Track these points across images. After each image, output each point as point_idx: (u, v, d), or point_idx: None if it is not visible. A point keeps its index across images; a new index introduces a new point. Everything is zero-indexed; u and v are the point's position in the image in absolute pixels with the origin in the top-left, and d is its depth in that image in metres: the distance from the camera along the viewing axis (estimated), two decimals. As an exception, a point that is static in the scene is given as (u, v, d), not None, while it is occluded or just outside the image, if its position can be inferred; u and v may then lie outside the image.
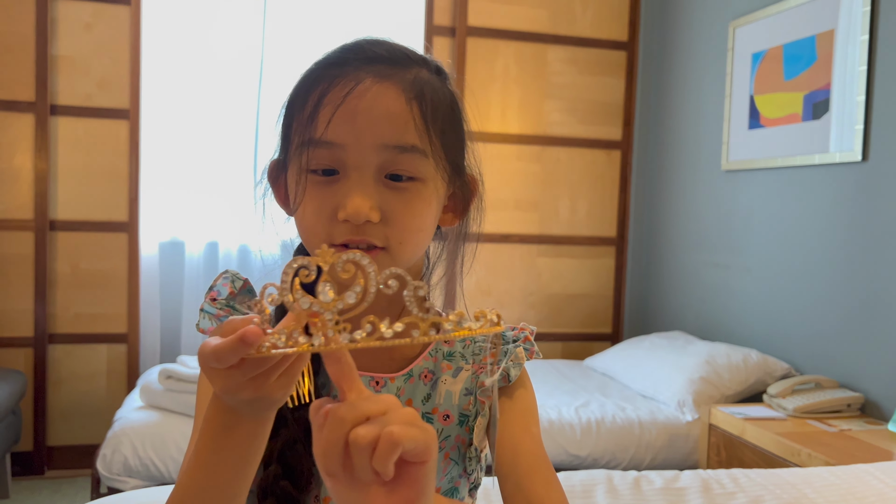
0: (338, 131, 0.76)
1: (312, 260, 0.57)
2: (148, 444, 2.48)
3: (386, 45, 0.81)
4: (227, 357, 0.56)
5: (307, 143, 0.77)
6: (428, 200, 0.80)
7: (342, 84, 0.77)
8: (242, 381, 0.58)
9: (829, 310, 2.74)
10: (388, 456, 0.54)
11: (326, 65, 0.80)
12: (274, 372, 0.59)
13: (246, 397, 0.59)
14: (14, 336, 3.31)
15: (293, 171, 0.80)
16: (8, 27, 3.24)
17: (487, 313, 0.59)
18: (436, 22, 3.68)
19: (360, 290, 0.57)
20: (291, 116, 0.82)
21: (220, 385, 0.59)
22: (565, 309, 3.92)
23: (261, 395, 0.59)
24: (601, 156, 3.93)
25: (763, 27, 3.08)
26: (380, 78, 0.77)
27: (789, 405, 2.52)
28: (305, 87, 0.80)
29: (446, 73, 0.85)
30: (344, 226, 0.76)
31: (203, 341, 0.59)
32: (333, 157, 0.77)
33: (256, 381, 0.58)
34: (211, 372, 0.59)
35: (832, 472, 1.87)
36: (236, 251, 3.49)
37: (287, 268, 0.57)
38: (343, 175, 0.77)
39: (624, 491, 1.73)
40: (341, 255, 0.57)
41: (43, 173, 3.29)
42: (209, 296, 0.88)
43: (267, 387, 0.59)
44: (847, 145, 2.65)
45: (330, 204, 0.77)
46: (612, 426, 2.72)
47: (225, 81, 3.44)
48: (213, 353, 0.56)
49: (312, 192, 0.78)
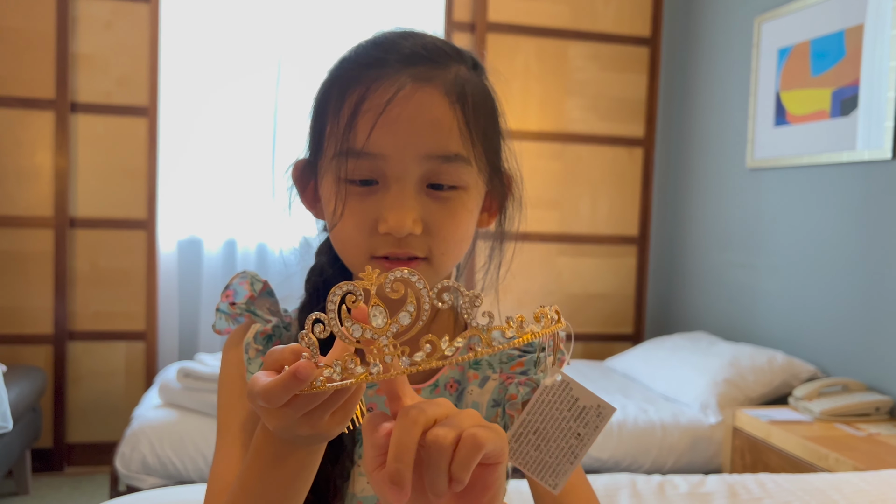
0: (379, 142, 0.72)
1: (358, 284, 0.54)
2: (166, 443, 2.47)
3: (421, 40, 0.76)
4: (279, 396, 0.53)
5: (346, 154, 0.73)
6: (470, 209, 0.77)
7: (382, 89, 0.72)
8: (296, 417, 0.55)
9: (856, 311, 2.67)
10: (471, 458, 0.51)
11: (361, 65, 0.75)
12: (330, 406, 0.56)
13: (302, 434, 0.56)
14: (34, 333, 3.32)
15: (329, 181, 0.76)
16: (29, 25, 3.25)
17: (548, 311, 0.57)
18: (455, 18, 3.65)
19: (413, 310, 0.54)
20: (324, 119, 0.77)
21: (274, 424, 0.56)
22: (586, 309, 3.88)
23: (316, 433, 0.56)
24: (623, 153, 3.88)
25: (789, 22, 3.02)
26: (421, 81, 0.73)
27: (816, 408, 2.47)
28: (340, 89, 0.75)
29: (481, 65, 0.81)
30: (385, 238, 0.73)
31: (252, 377, 0.56)
32: (373, 167, 0.73)
33: (312, 416, 0.55)
34: (262, 410, 0.56)
35: (862, 477, 1.82)
36: (254, 249, 3.48)
37: (331, 295, 0.54)
38: (383, 185, 0.73)
39: (648, 496, 1.69)
40: (387, 274, 0.54)
41: (63, 171, 3.30)
42: (225, 294, 0.85)
43: (321, 424, 0.56)
44: (876, 143, 2.58)
45: (370, 216, 0.73)
46: (634, 428, 2.68)
47: (243, 79, 3.43)
48: (263, 392, 0.53)
49: (351, 203, 0.74)
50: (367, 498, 0.80)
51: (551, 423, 0.62)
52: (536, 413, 0.62)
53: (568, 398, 0.61)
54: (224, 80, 3.41)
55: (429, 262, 0.75)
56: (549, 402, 0.62)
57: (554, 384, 0.61)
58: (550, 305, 0.58)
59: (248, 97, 3.43)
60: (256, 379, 0.55)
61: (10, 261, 3.29)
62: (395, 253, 0.73)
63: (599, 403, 0.61)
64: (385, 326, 0.54)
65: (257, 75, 3.43)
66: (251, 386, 0.55)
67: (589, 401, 0.61)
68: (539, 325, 0.56)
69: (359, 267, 0.77)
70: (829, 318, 2.80)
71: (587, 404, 0.61)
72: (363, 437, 0.57)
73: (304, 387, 0.52)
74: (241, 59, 3.42)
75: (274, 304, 0.86)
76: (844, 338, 2.73)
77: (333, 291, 0.54)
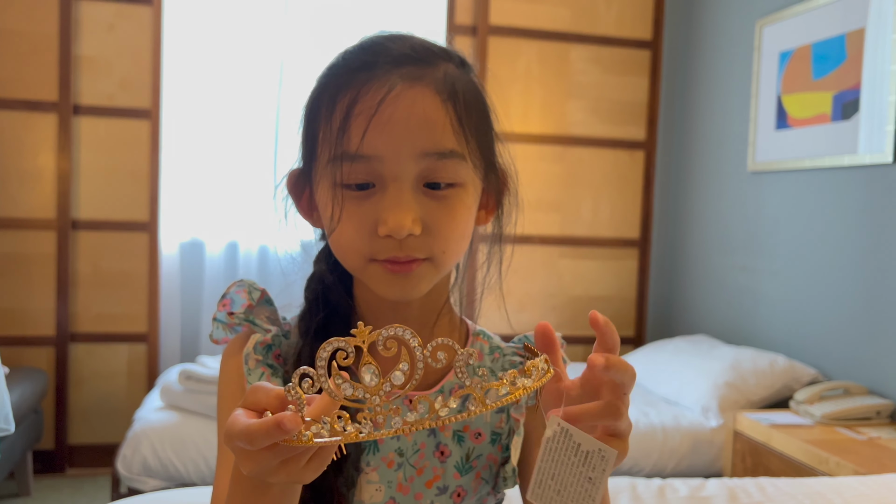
0: (373, 143, 0.71)
1: (350, 341, 0.53)
2: (167, 445, 2.48)
3: (409, 42, 0.77)
4: (259, 441, 0.52)
5: (340, 158, 0.72)
6: (468, 205, 0.77)
7: (373, 91, 0.72)
8: (273, 464, 0.55)
9: (857, 314, 2.67)
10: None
11: (350, 69, 0.75)
12: (305, 456, 0.55)
13: (278, 481, 0.56)
14: (36, 335, 3.33)
15: (325, 187, 0.76)
16: (32, 28, 3.26)
17: (539, 364, 0.57)
18: (457, 21, 3.65)
19: (406, 369, 0.53)
20: (316, 126, 0.77)
21: (249, 467, 0.55)
22: (587, 311, 3.84)
23: (292, 480, 0.56)
24: (624, 156, 3.88)
25: (791, 26, 3.02)
26: (411, 81, 0.73)
27: (817, 412, 2.47)
28: (330, 95, 0.75)
29: (469, 63, 0.81)
30: (385, 241, 0.72)
31: (231, 416, 0.55)
32: (369, 169, 0.72)
33: (288, 465, 0.55)
34: (239, 451, 0.55)
35: (862, 481, 1.82)
36: (256, 251, 3.49)
37: (321, 351, 0.54)
38: (380, 187, 0.73)
39: (648, 499, 1.69)
40: (380, 332, 0.53)
41: (65, 173, 3.30)
42: (222, 304, 0.84)
43: (297, 472, 0.56)
44: (877, 146, 2.59)
45: (369, 219, 0.73)
46: (635, 432, 2.68)
47: (245, 81, 3.43)
48: (243, 433, 0.53)
49: (349, 207, 0.74)
50: None
51: (564, 470, 0.62)
52: (548, 461, 0.62)
53: (571, 444, 0.62)
54: (226, 82, 3.41)
55: (431, 262, 0.75)
56: (555, 449, 0.62)
57: (556, 433, 0.61)
58: (541, 356, 0.59)
59: (250, 99, 3.44)
60: (236, 419, 0.54)
61: (12, 263, 3.29)
62: (396, 257, 0.73)
63: (600, 447, 0.61)
64: (377, 385, 0.53)
65: (259, 77, 3.44)
66: (230, 426, 0.54)
67: (590, 445, 0.61)
68: (530, 380, 0.56)
69: (359, 271, 0.76)
70: (830, 322, 2.80)
71: (589, 449, 0.61)
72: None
73: (287, 438, 0.52)
74: (243, 62, 3.43)
75: (273, 312, 0.86)
76: (846, 341, 2.73)
77: (323, 347, 0.54)
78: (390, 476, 0.80)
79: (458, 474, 0.82)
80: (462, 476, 0.82)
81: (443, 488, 0.81)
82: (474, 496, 0.83)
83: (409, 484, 0.80)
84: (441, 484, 0.81)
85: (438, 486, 0.81)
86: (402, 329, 0.54)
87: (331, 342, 0.54)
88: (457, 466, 0.82)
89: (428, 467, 0.81)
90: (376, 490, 0.79)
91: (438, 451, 0.81)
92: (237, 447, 0.55)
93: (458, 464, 0.82)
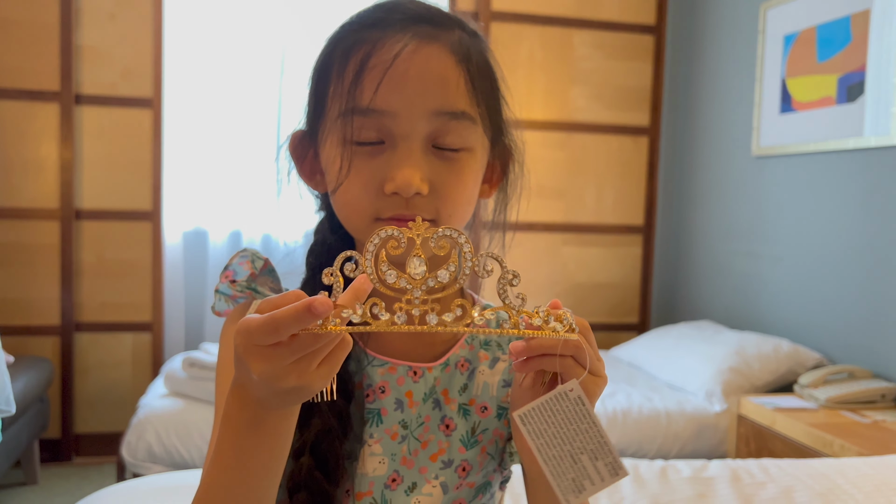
0: (386, 98, 0.70)
1: (404, 231, 0.53)
2: (172, 432, 2.48)
3: (423, 4, 0.76)
4: (284, 328, 0.51)
5: (352, 112, 0.71)
6: (476, 171, 0.76)
7: (388, 46, 0.71)
8: (286, 364, 0.53)
9: (862, 298, 2.66)
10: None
11: (364, 25, 0.74)
12: (318, 356, 0.54)
13: (288, 386, 0.54)
14: (41, 325, 3.34)
15: (332, 143, 0.74)
16: (33, 17, 3.25)
17: (567, 314, 0.57)
18: (459, 7, 3.64)
19: (454, 269, 0.53)
20: (326, 81, 0.75)
21: (262, 368, 0.53)
22: (591, 298, 3.87)
23: (302, 384, 0.54)
24: (628, 142, 3.87)
25: (795, 8, 3.00)
26: (427, 39, 0.72)
27: (821, 395, 2.46)
28: (342, 51, 0.74)
29: (481, 35, 0.80)
30: (392, 199, 0.71)
31: (244, 318, 0.53)
32: (380, 125, 0.71)
33: (300, 365, 0.53)
34: (252, 351, 0.53)
35: (866, 462, 1.81)
36: (259, 240, 3.49)
37: (374, 236, 0.53)
38: (390, 145, 0.72)
39: (651, 480, 1.69)
40: (436, 230, 0.53)
41: (68, 163, 3.31)
42: (224, 275, 0.83)
43: (307, 373, 0.54)
44: (883, 129, 2.57)
45: (377, 177, 0.71)
46: (639, 417, 2.68)
47: (247, 70, 3.43)
48: (267, 321, 0.51)
49: (357, 163, 0.72)
50: (379, 477, 0.79)
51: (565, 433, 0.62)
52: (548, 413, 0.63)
53: (595, 434, 0.62)
54: (228, 70, 3.41)
55: (435, 223, 0.73)
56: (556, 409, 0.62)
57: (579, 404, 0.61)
58: (566, 309, 0.59)
59: (252, 87, 3.43)
60: (252, 317, 0.53)
61: (16, 253, 3.30)
62: (401, 214, 0.71)
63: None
64: (422, 279, 0.52)
65: (261, 65, 3.43)
66: (245, 323, 0.53)
67: (608, 451, 0.63)
68: (562, 326, 0.56)
69: (363, 231, 0.75)
70: (834, 306, 2.79)
71: (607, 454, 0.62)
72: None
73: (317, 321, 0.50)
74: (244, 50, 3.42)
75: (276, 281, 0.85)
76: (850, 325, 2.71)
77: (377, 233, 0.53)
78: (394, 448, 0.79)
79: (464, 448, 0.80)
80: (467, 450, 0.81)
81: (447, 462, 0.80)
82: (480, 471, 0.82)
83: (413, 457, 0.79)
84: (446, 458, 0.80)
85: (443, 459, 0.80)
86: (458, 232, 0.53)
87: (385, 229, 0.53)
88: (462, 440, 0.81)
89: (433, 441, 0.80)
90: (379, 462, 0.78)
91: (444, 424, 0.80)
92: (251, 346, 0.53)
93: (463, 437, 0.81)
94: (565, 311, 0.58)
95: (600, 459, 0.62)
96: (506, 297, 0.54)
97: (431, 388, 0.81)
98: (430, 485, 0.79)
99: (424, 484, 0.79)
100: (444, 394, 0.81)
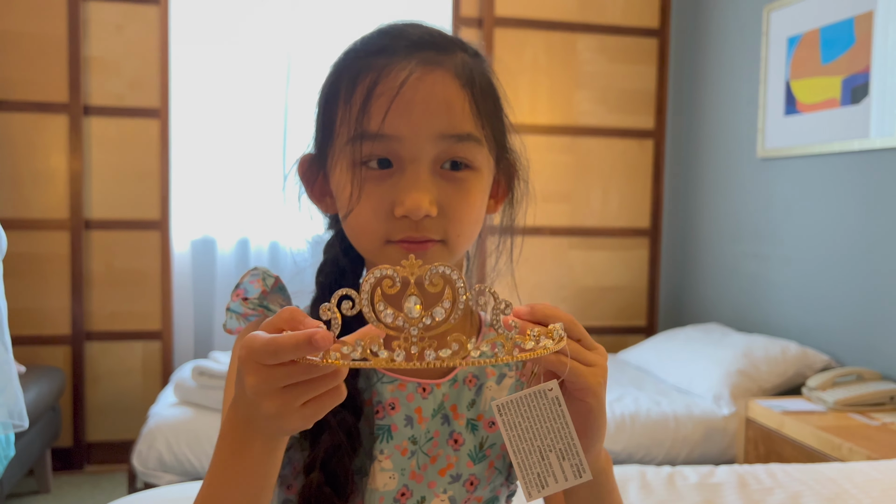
0: (394, 124, 0.72)
1: (399, 270, 0.54)
2: (182, 440, 2.50)
3: (426, 28, 0.78)
4: (282, 353, 0.53)
5: (360, 137, 0.73)
6: (483, 190, 0.78)
7: (394, 74, 0.73)
8: (277, 387, 0.55)
9: (870, 300, 2.66)
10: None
11: (370, 52, 0.76)
12: (307, 392, 0.56)
13: (269, 411, 0.56)
14: (52, 334, 3.37)
15: (342, 167, 0.76)
16: (41, 30, 3.29)
17: (558, 328, 0.59)
18: (463, 13, 3.65)
19: (448, 306, 0.55)
20: (334, 107, 0.78)
21: (253, 382, 0.56)
22: (598, 302, 3.87)
23: (281, 413, 0.56)
24: (633, 145, 3.87)
25: (799, 10, 3.00)
26: (431, 65, 0.74)
27: (830, 398, 2.46)
28: (350, 77, 0.76)
29: (482, 55, 0.82)
30: (402, 222, 0.73)
31: (251, 334, 0.56)
32: (388, 150, 0.73)
33: (286, 394, 0.56)
34: (251, 365, 0.56)
35: (874, 466, 1.81)
36: (267, 248, 3.51)
37: (369, 276, 0.55)
38: (398, 168, 0.74)
39: (658, 487, 1.69)
40: (429, 267, 0.55)
41: (77, 173, 3.34)
42: (236, 293, 0.85)
43: (291, 406, 0.56)
44: (888, 130, 2.56)
45: (386, 200, 0.73)
46: (647, 420, 2.68)
47: (253, 79, 3.45)
48: (269, 343, 0.53)
49: (367, 188, 0.74)
50: (389, 492, 0.80)
51: (538, 428, 0.64)
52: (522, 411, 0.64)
53: (565, 427, 0.63)
54: (234, 79, 3.43)
55: (444, 244, 0.75)
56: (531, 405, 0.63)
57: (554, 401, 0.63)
58: (553, 326, 0.61)
59: (258, 96, 3.45)
60: (258, 335, 0.55)
61: (27, 263, 3.33)
62: (412, 237, 0.73)
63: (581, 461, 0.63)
64: (419, 317, 0.54)
65: (267, 74, 3.45)
66: (252, 340, 0.55)
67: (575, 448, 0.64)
68: (552, 342, 0.58)
69: (374, 253, 0.77)
70: (842, 308, 2.78)
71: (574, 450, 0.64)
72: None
73: (315, 354, 0.52)
74: (250, 59, 3.44)
75: (286, 299, 0.87)
76: (858, 327, 2.71)
77: (372, 272, 0.55)
78: (403, 464, 0.80)
79: (472, 462, 0.82)
80: (475, 465, 0.82)
81: (456, 476, 0.82)
82: (487, 485, 0.83)
83: (422, 472, 0.81)
84: (454, 472, 0.82)
85: (452, 474, 0.81)
86: (450, 269, 0.55)
87: (380, 268, 0.55)
88: (470, 455, 0.82)
89: (441, 455, 0.81)
90: (389, 478, 0.80)
91: (452, 439, 0.82)
92: (251, 361, 0.55)
93: (471, 452, 0.82)
94: (554, 327, 0.60)
95: (567, 460, 0.64)
96: (499, 327, 0.56)
97: (440, 403, 0.82)
98: (438, 499, 0.81)
99: (433, 498, 0.81)
100: (452, 409, 0.82)
